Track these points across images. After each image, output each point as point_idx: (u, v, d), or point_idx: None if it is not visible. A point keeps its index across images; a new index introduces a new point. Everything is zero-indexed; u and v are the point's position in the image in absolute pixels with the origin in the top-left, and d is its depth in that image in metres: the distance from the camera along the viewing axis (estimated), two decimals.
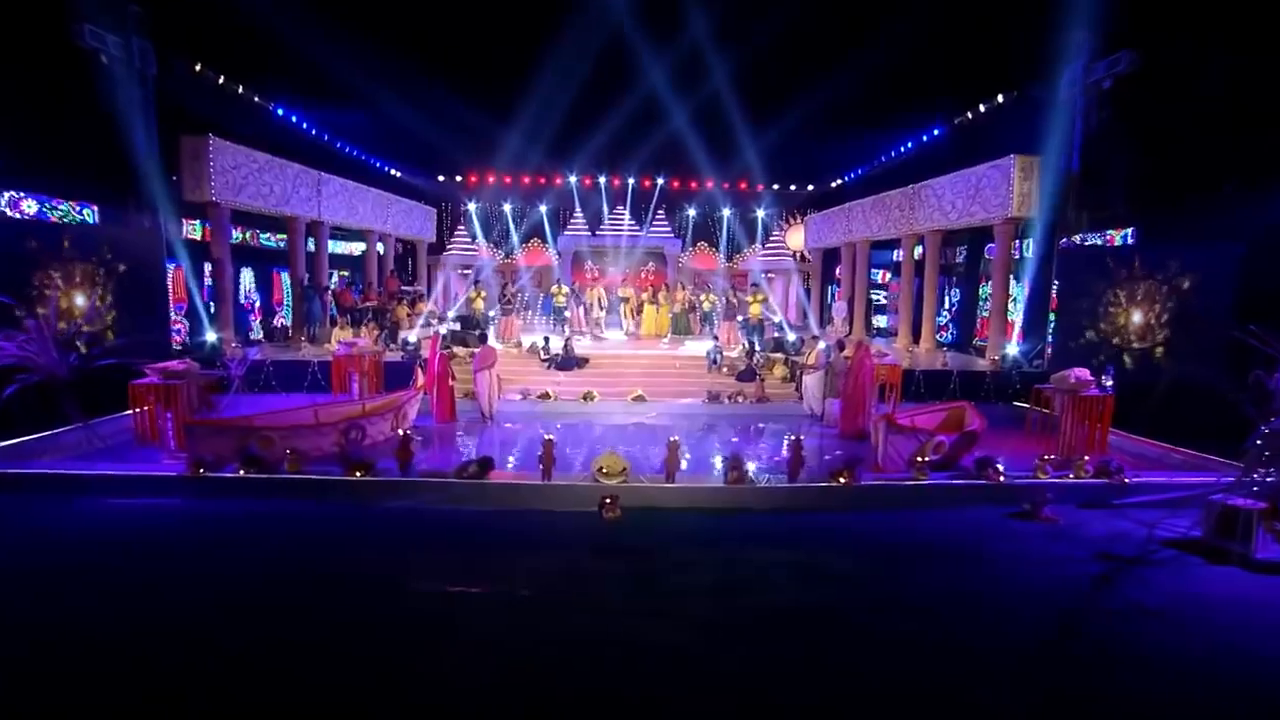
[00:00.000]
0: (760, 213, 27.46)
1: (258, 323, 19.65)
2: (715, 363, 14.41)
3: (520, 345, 15.73)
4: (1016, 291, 15.84)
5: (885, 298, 24.39)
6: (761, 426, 11.78)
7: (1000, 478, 7.63)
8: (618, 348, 16.73)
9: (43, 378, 8.34)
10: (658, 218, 25.55)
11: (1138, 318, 11.76)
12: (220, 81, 15.69)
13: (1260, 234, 10.20)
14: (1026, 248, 15.43)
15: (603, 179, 26.36)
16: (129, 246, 12.37)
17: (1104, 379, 9.86)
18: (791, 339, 15.29)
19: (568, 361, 14.27)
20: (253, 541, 6.20)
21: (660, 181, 26.60)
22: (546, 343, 14.80)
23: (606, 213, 25.55)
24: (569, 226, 25.65)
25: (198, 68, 15.03)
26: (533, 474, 7.57)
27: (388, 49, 16.85)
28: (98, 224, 13.68)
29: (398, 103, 18.47)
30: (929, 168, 17.98)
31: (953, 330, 20.00)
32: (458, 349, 13.98)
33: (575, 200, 26.01)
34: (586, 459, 8.43)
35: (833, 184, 25.87)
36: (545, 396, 12.62)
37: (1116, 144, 12.67)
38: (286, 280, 19.73)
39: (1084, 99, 12.94)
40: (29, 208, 12.96)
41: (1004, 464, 7.82)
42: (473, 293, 18.36)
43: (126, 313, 11.99)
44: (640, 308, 18.82)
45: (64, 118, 12.53)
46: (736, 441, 10.53)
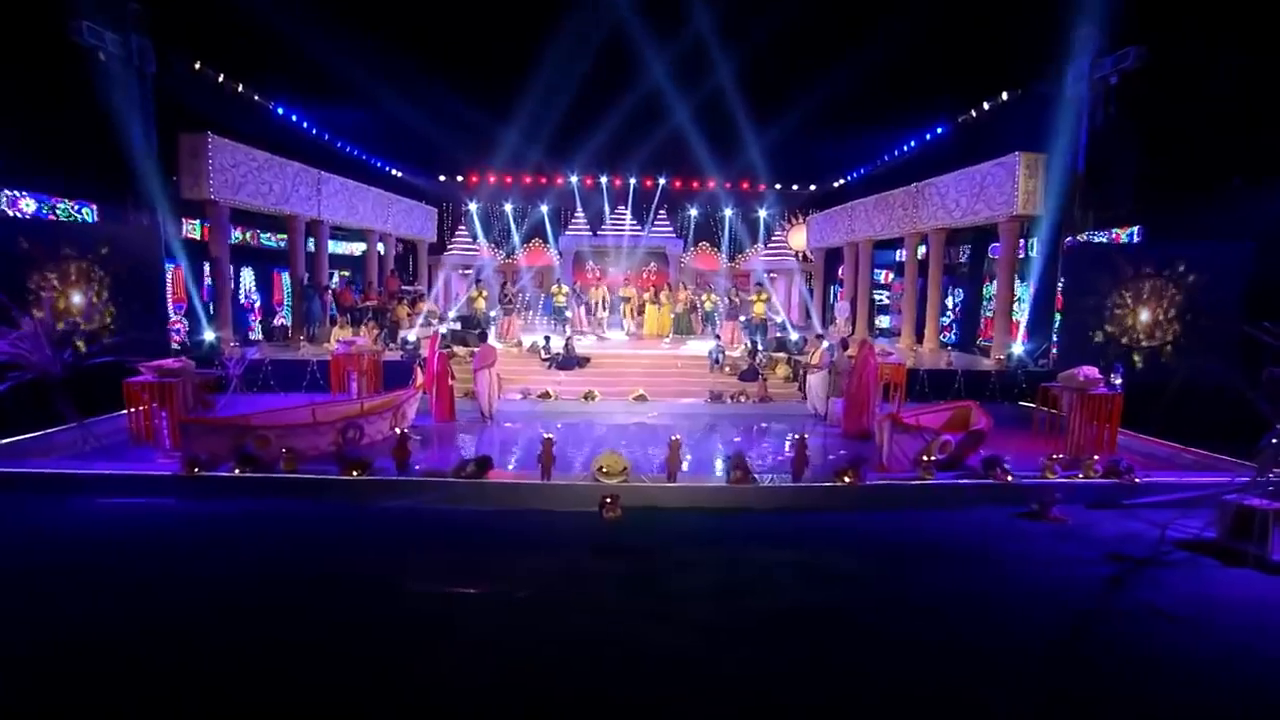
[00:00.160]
0: (762, 212, 27.31)
1: (258, 323, 19.60)
2: (717, 362, 14.31)
3: (520, 345, 15.65)
4: (1022, 290, 15.71)
5: (888, 297, 24.29)
6: (764, 426, 11.67)
7: (1008, 477, 7.51)
8: (619, 347, 16.63)
9: (36, 375, 8.26)
10: (659, 218, 25.46)
11: (1145, 316, 11.64)
12: (220, 80, 15.62)
13: (1271, 230, 10.08)
14: (1031, 247, 15.31)
15: (604, 179, 26.26)
16: (128, 245, 12.29)
17: (1113, 377, 9.72)
18: (794, 338, 15.19)
19: (568, 361, 14.17)
20: (248, 541, 6.13)
21: (662, 181, 26.47)
22: (547, 342, 14.71)
23: (608, 213, 25.47)
24: (570, 226, 25.58)
25: (197, 66, 14.95)
26: (532, 473, 7.47)
27: (388, 47, 16.78)
28: (97, 222, 13.65)
29: (398, 102, 18.40)
30: (932, 166, 17.84)
31: (955, 330, 19.89)
32: (457, 348, 13.89)
33: (577, 200, 25.89)
34: (587, 459, 8.33)
35: (835, 184, 25.75)
36: (546, 396, 12.53)
37: (1123, 140, 12.56)
38: (287, 280, 19.67)
39: (1090, 95, 12.83)
40: (27, 206, 12.94)
41: (1011, 463, 7.69)
42: (474, 292, 18.30)
43: (125, 311, 11.92)
44: (642, 308, 18.76)
45: (62, 116, 12.48)
46: (739, 441, 10.41)
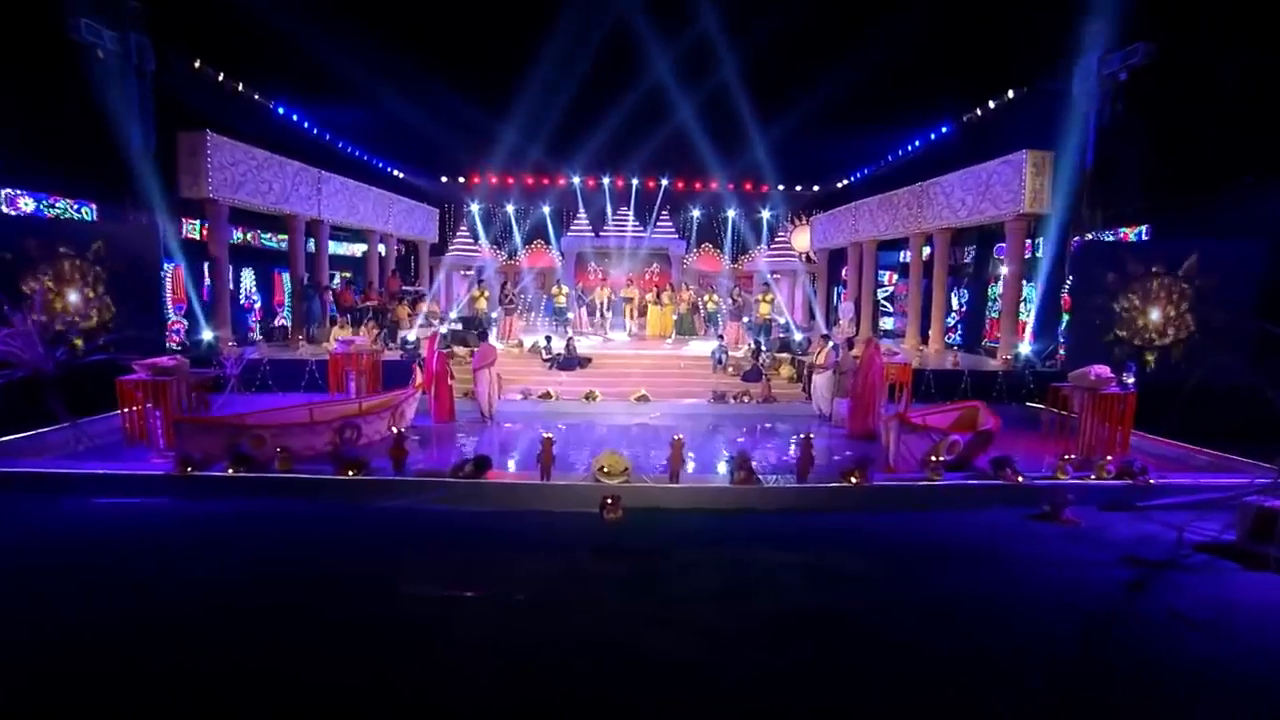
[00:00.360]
0: (765, 213, 27.19)
1: (257, 323, 19.51)
2: (720, 362, 14.18)
3: (521, 345, 15.53)
4: (1028, 290, 15.54)
5: (889, 298, 24.13)
6: (768, 426, 11.53)
7: (1018, 478, 7.36)
8: (621, 348, 16.51)
9: (28, 373, 8.15)
10: (662, 218, 25.32)
11: (1156, 315, 11.47)
12: (219, 78, 15.55)
13: None
14: (1038, 246, 15.14)
15: (606, 179, 26.17)
16: (126, 243, 12.19)
17: (1125, 376, 9.54)
18: (798, 339, 15.05)
19: (570, 361, 14.05)
20: (243, 541, 6.02)
21: (664, 182, 26.37)
22: (548, 342, 14.59)
23: (610, 213, 25.34)
24: (572, 227, 25.45)
25: (196, 64, 14.88)
26: (531, 474, 7.34)
27: (388, 45, 16.69)
28: (96, 221, 13.57)
29: (399, 101, 18.32)
30: (937, 166, 17.69)
31: (960, 331, 19.72)
32: (457, 348, 13.77)
33: (579, 201, 25.77)
34: (588, 459, 8.19)
35: (839, 184, 25.64)
36: (546, 396, 12.41)
37: (1132, 138, 12.41)
38: (287, 280, 19.58)
39: (1099, 92, 12.68)
40: (26, 205, 12.87)
41: (1021, 464, 7.53)
42: (475, 292, 18.22)
43: (122, 310, 11.82)
44: (644, 309, 18.63)
45: (61, 114, 12.42)
46: (742, 441, 10.27)
